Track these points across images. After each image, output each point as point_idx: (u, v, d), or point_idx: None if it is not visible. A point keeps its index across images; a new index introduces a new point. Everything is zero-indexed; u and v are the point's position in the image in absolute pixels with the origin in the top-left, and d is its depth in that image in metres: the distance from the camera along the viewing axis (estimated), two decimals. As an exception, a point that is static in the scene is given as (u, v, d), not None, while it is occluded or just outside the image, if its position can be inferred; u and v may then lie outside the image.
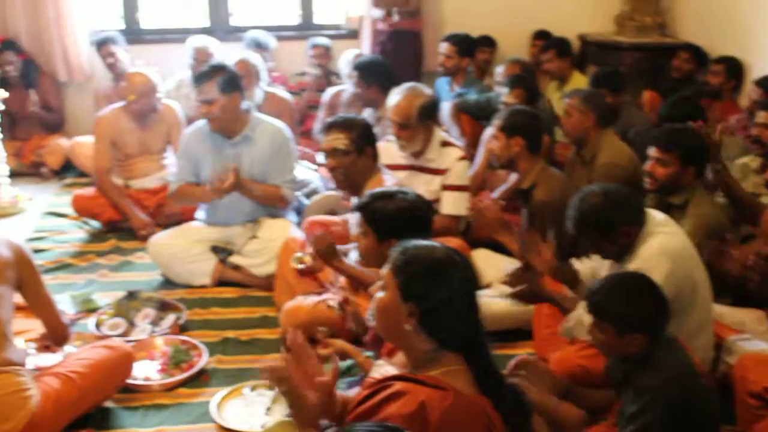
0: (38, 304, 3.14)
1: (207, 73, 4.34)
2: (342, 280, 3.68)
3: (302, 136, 6.15)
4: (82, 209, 5.25)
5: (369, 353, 3.10)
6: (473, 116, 5.55)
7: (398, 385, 2.06)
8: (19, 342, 3.22)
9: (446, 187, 4.23)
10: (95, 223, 5.29)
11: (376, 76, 5.23)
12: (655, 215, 3.13)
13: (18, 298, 3.07)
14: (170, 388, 3.43)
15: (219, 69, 4.35)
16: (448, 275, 2.09)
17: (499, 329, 3.61)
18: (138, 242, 4.95)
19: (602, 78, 5.26)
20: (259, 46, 6.47)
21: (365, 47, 6.74)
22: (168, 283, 4.45)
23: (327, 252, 3.48)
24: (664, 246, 3.00)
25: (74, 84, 6.89)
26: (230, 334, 3.87)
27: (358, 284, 3.48)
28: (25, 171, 6.35)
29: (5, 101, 5.65)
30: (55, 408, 2.95)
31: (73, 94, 6.93)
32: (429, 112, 4.23)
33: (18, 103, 6.36)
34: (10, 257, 2.96)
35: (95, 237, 5.16)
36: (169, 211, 5.12)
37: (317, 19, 7.25)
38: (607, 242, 3.05)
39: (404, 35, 6.63)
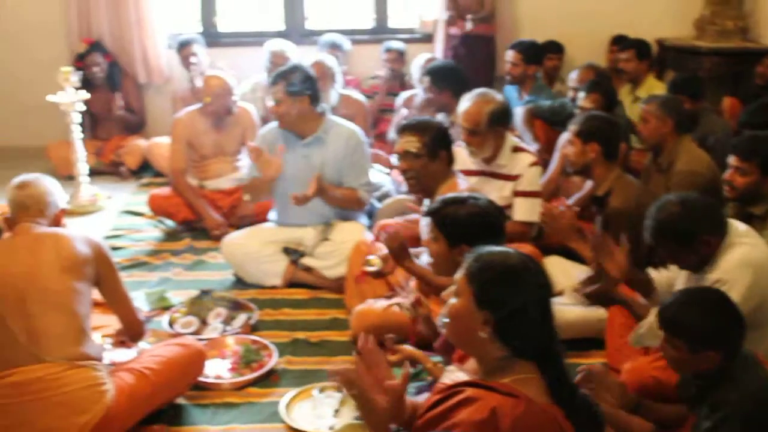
0: (115, 300, 3.21)
1: (279, 74, 4.41)
2: (412, 283, 3.67)
3: (376, 139, 6.16)
4: (158, 208, 5.35)
5: (438, 359, 3.08)
6: (547, 121, 5.48)
7: (469, 391, 2.04)
8: (96, 337, 3.30)
9: (518, 193, 4.19)
10: (170, 223, 5.39)
11: (447, 81, 5.22)
12: (737, 225, 3.05)
13: (95, 295, 3.15)
14: (240, 387, 3.47)
15: (290, 71, 4.40)
16: (524, 282, 2.07)
17: (571, 337, 3.55)
18: (211, 242, 5.02)
19: (681, 83, 5.15)
20: (334, 49, 6.52)
21: (438, 51, 6.73)
22: (240, 283, 4.51)
23: (398, 251, 3.46)
24: (746, 257, 2.92)
25: (153, 86, 7.05)
26: (300, 335, 3.89)
27: (428, 288, 3.46)
28: (105, 170, 6.53)
29: (89, 102, 5.79)
30: (129, 403, 3.01)
31: (152, 96, 7.09)
32: (499, 118, 4.18)
33: (102, 104, 6.56)
34: (90, 254, 3.04)
35: (170, 236, 5.26)
36: (243, 212, 5.18)
37: (391, 23, 7.26)
38: (686, 253, 2.98)
39: (477, 40, 6.60)
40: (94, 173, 6.07)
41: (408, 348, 2.98)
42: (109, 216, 5.70)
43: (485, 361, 2.11)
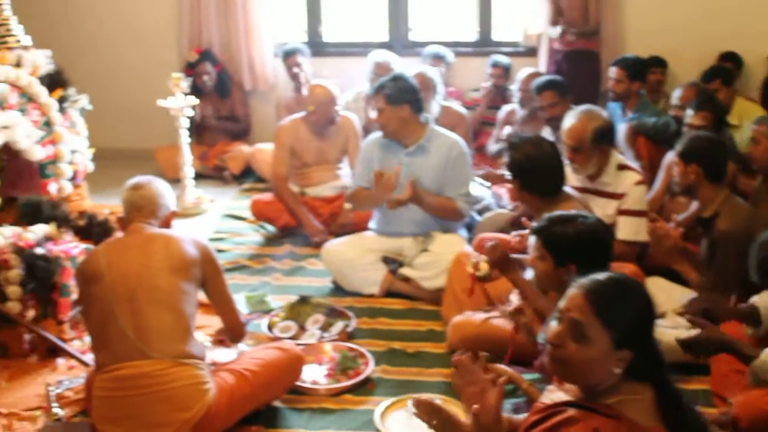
0: (220, 302, 3.29)
1: (380, 84, 4.47)
2: (514, 296, 3.64)
3: (475, 152, 6.15)
4: (260, 213, 5.45)
5: (533, 376, 3.06)
6: (650, 139, 5.38)
7: (571, 412, 2.02)
8: (199, 336, 3.39)
9: (623, 212, 4.12)
10: (271, 228, 5.49)
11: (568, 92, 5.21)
12: None
13: (199, 295, 3.23)
14: (336, 394, 3.51)
15: (390, 80, 4.45)
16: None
17: (673, 361, 3.46)
18: (311, 248, 5.10)
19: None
20: (437, 60, 6.54)
21: (542, 66, 6.68)
22: (338, 291, 4.56)
23: (501, 261, 3.44)
24: None
25: (258, 93, 7.21)
26: (397, 345, 3.91)
27: (531, 303, 3.43)
28: (209, 174, 6.71)
29: (197, 108, 5.95)
30: (229, 402, 3.08)
31: (256, 103, 7.24)
32: (604, 136, 4.12)
33: (209, 111, 6.73)
34: (197, 256, 3.13)
35: (270, 241, 5.36)
36: (343, 221, 5.23)
37: (495, 36, 7.24)
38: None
39: (581, 55, 6.52)
40: (198, 177, 6.25)
41: (502, 368, 2.96)
42: (212, 219, 5.85)
43: (592, 384, 2.08)
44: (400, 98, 4.38)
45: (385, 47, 6.78)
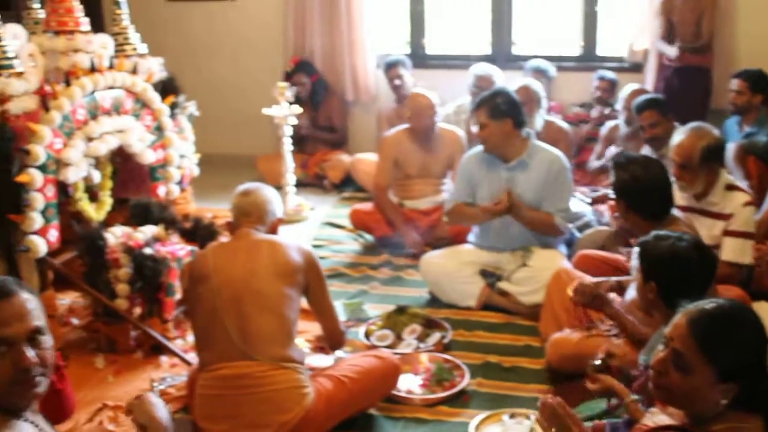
0: (321, 309, 3.34)
1: (482, 98, 4.46)
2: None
3: (576, 168, 6.08)
4: (359, 222, 5.51)
5: (636, 396, 3.00)
6: (761, 158, 5.21)
7: (674, 436, 1.99)
8: (299, 341, 3.45)
9: (729, 233, 4.01)
10: (369, 237, 5.54)
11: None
12: None
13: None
14: (431, 404, 3.51)
15: (493, 95, 4.44)
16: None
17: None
18: (409, 259, 5.13)
19: None
20: (539, 74, 6.50)
21: (649, 82, 6.56)
22: (434, 302, 4.56)
23: (591, 304, 3.45)
24: None
25: (359, 103, 7.29)
26: (493, 358, 3.89)
27: (628, 331, 3.38)
28: (309, 182, 6.81)
29: (300, 117, 6.06)
30: (327, 407, 3.12)
31: (358, 114, 7.33)
32: (713, 154, 4.01)
33: (305, 120, 6.85)
34: (301, 263, 3.19)
35: (368, 250, 5.41)
36: (440, 234, 5.24)
37: (599, 51, 7.15)
38: None
39: (693, 71, 6.34)
40: (298, 185, 6.35)
41: (609, 378, 2.92)
42: (312, 226, 5.93)
43: (697, 412, 2.04)
44: (503, 113, 4.37)
45: (488, 60, 6.77)
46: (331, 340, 3.48)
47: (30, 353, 1.95)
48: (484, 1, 7.20)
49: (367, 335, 4.09)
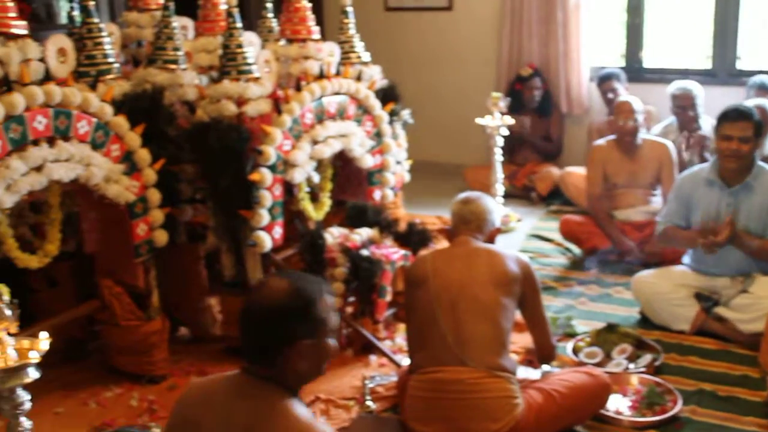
0: (534, 321, 3.35)
1: (750, 111, 4.19)
2: None
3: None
4: (569, 232, 5.46)
5: None
6: None
7: None
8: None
9: None
10: (576, 251, 5.48)
11: None
12: None
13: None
14: (641, 428, 3.42)
15: (750, 113, 4.20)
16: None
17: None
18: (618, 276, 5.04)
19: None
20: (762, 91, 6.16)
21: None
22: (645, 322, 4.44)
23: None
24: None
25: (571, 116, 7.21)
26: (707, 386, 3.73)
27: None
28: (516, 193, 6.80)
29: (511, 127, 6.07)
30: (537, 420, 3.12)
31: (569, 126, 7.25)
32: None
33: (527, 126, 6.86)
34: (519, 273, 3.20)
35: (576, 265, 5.34)
36: (651, 249, 5.11)
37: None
38: None
39: None
40: (506, 196, 6.35)
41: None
42: (518, 238, 5.92)
43: None
44: (761, 131, 4.18)
45: (708, 75, 6.52)
46: (542, 353, 3.47)
47: None
48: (706, 12, 6.92)
49: (575, 351, 4.03)
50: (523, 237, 5.95)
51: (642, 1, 7.03)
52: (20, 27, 3.44)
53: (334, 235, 4.24)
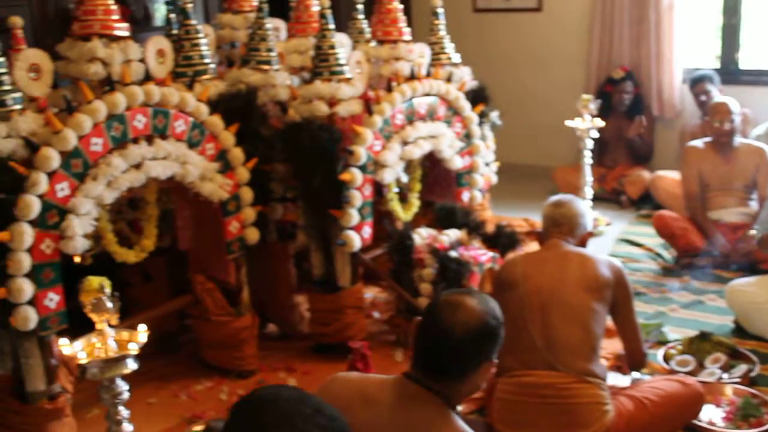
0: (625, 327, 3.29)
1: None
2: None
3: None
4: (664, 227, 5.34)
5: None
6: None
7: None
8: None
9: None
10: (668, 257, 5.37)
11: None
12: None
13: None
14: (734, 439, 3.34)
15: None
16: None
17: None
18: (711, 283, 4.92)
19: None
20: None
21: None
22: (739, 332, 4.31)
23: None
24: None
25: (663, 119, 7.06)
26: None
27: None
28: (605, 197, 6.69)
29: (601, 129, 5.98)
30: (627, 428, 3.07)
31: (661, 129, 7.09)
32: None
33: (615, 132, 6.76)
34: (611, 278, 3.15)
35: (668, 271, 5.23)
36: (745, 250, 5.00)
37: None
38: None
39: None
40: (594, 199, 6.26)
41: None
42: (608, 242, 5.83)
43: None
44: None
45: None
46: (632, 359, 3.41)
47: None
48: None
49: (666, 359, 3.95)
50: (612, 241, 5.85)
51: (739, 0, 6.84)
52: (122, 29, 3.54)
53: (422, 235, 4.25)
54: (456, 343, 2.09)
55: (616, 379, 3.62)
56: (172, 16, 4.73)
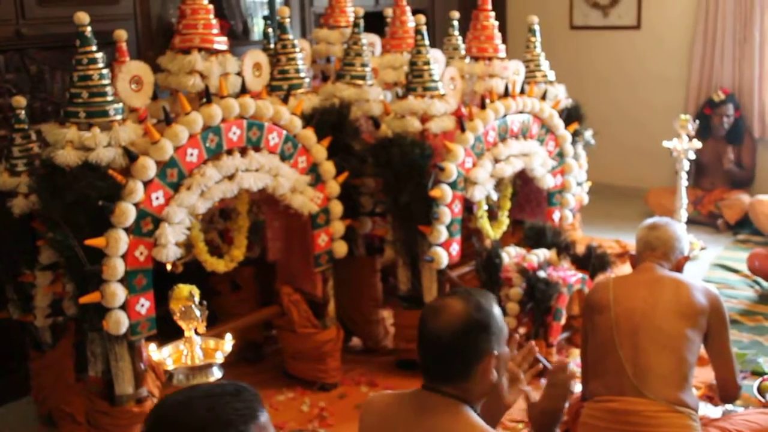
0: (718, 356, 3.17)
1: None
2: None
3: None
4: (757, 268, 5.17)
5: None
6: None
7: None
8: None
9: None
10: (765, 284, 5.18)
11: None
12: None
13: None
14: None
15: None
16: None
17: None
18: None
19: None
20: None
21: None
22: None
23: None
24: None
25: (764, 141, 6.83)
26: None
27: None
28: (701, 220, 6.51)
29: (699, 152, 5.82)
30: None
31: (763, 151, 6.86)
32: None
33: (713, 155, 6.57)
34: (706, 306, 3.05)
35: (765, 299, 5.04)
36: None
37: None
38: None
39: None
40: (689, 222, 6.09)
41: None
42: (701, 267, 5.66)
43: None
44: None
45: None
46: (724, 390, 3.28)
47: None
48: None
49: (762, 391, 3.79)
50: (707, 266, 5.68)
51: None
52: (221, 43, 3.61)
53: (511, 254, 4.21)
54: (447, 346, 2.08)
55: (706, 410, 3.51)
56: (270, 30, 4.81)
